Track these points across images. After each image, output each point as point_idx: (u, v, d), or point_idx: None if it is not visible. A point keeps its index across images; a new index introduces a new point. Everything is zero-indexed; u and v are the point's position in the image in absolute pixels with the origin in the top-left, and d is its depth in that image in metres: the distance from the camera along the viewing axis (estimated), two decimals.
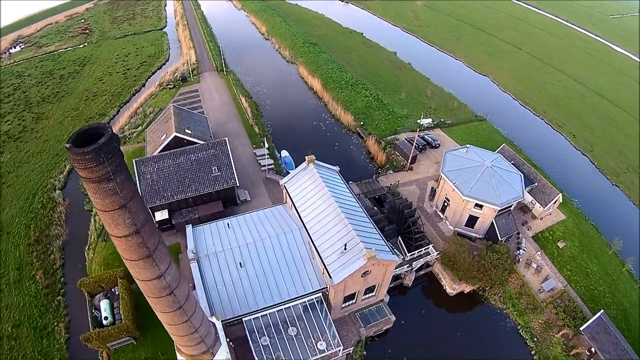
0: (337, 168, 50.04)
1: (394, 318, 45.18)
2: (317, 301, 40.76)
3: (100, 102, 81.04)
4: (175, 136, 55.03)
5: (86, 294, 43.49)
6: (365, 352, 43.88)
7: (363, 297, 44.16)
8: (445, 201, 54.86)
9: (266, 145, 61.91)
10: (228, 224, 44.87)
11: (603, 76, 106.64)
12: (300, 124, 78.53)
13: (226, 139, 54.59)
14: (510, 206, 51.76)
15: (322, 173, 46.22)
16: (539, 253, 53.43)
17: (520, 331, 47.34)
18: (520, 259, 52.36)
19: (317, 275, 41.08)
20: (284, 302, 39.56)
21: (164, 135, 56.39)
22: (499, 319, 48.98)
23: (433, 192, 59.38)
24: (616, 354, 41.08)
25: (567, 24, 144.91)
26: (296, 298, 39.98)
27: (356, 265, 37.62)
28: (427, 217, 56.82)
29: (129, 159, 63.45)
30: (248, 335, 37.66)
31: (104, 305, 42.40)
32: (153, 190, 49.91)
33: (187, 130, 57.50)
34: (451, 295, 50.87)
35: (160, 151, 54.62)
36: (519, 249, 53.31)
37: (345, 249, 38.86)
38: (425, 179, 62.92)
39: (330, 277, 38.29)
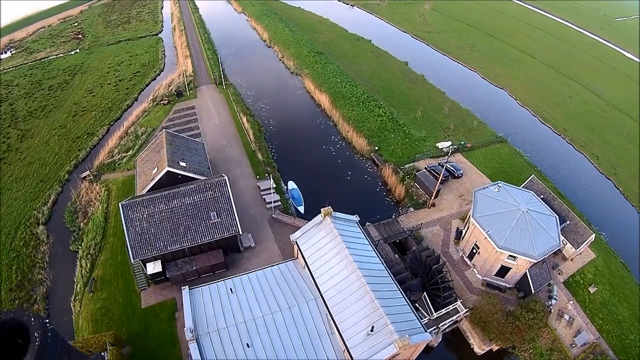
0: (356, 218, 44.07)
1: None
2: None
3: (89, 119, 74.71)
4: (168, 171, 48.85)
5: None
6: None
7: None
8: (474, 248, 49.12)
9: (272, 182, 55.52)
10: (231, 289, 38.88)
11: (617, 86, 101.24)
12: (308, 148, 72.10)
13: (226, 178, 48.07)
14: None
15: (340, 229, 40.13)
16: (571, 302, 48.10)
17: None
18: (552, 310, 46.95)
19: (337, 355, 35.16)
20: None
21: (155, 169, 50.11)
22: None
23: (459, 233, 53.60)
24: None
25: (576, 27, 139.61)
26: None
27: (385, 353, 31.78)
28: (453, 264, 51.05)
29: (118, 190, 57.72)
30: None
31: None
32: (143, 240, 43.64)
33: (181, 163, 51.24)
34: (479, 354, 45.44)
35: (152, 187, 48.66)
36: (550, 297, 47.85)
37: (372, 330, 33.13)
38: (449, 217, 57.07)
39: None
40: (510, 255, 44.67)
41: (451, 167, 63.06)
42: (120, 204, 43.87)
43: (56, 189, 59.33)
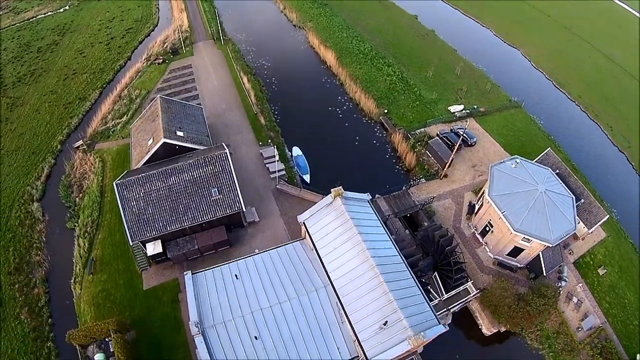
0: (368, 197, 41.69)
1: None
2: None
3: (80, 82, 69.66)
4: (165, 143, 45.81)
5: (77, 346, 37.22)
6: None
7: None
8: (487, 226, 47.22)
9: (276, 153, 52.47)
10: (236, 275, 37.23)
11: (633, 53, 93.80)
12: (314, 109, 67.86)
13: (227, 151, 44.70)
14: None
15: (352, 211, 37.76)
16: (580, 285, 47.28)
17: None
18: (561, 291, 46.04)
19: (347, 344, 34.20)
20: None
21: (151, 140, 46.94)
22: None
23: (471, 208, 51.51)
24: None
25: None
26: None
27: (398, 349, 30.77)
28: (464, 240, 49.40)
29: (113, 161, 54.68)
30: None
31: None
32: (141, 221, 41.39)
33: (178, 133, 48.01)
34: (486, 335, 44.97)
35: (148, 160, 45.96)
36: (560, 278, 46.81)
37: (384, 325, 31.84)
38: (461, 190, 54.63)
39: (366, 358, 31.60)
40: (525, 238, 42.93)
41: (465, 134, 59.73)
42: (114, 183, 41.16)
43: (49, 161, 56.14)
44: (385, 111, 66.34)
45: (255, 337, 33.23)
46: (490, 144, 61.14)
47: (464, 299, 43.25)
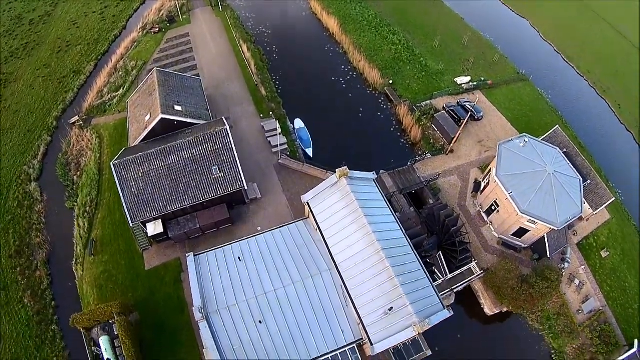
0: (373, 175, 40.72)
1: (430, 352, 39.46)
2: (350, 351, 34.48)
3: (74, 54, 66.67)
4: (162, 119, 44.18)
5: (82, 329, 37.29)
6: None
7: None
8: (493, 205, 46.46)
9: (278, 126, 50.88)
10: (239, 258, 36.85)
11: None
12: (316, 79, 65.53)
13: (227, 127, 43.00)
14: None
15: (357, 191, 36.89)
16: (582, 267, 47.10)
17: (553, 356, 42.93)
18: (564, 273, 45.95)
19: (351, 326, 34.27)
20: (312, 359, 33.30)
21: (148, 116, 45.29)
22: (534, 342, 43.97)
23: (477, 185, 50.51)
24: None
25: None
26: (327, 354, 33.58)
27: (403, 335, 31.07)
28: (469, 219, 48.76)
29: (110, 137, 53.21)
30: None
31: (104, 344, 36.46)
32: (140, 201, 40.48)
33: (176, 107, 46.14)
34: (488, 315, 45.22)
35: (146, 137, 44.61)
36: (563, 260, 46.52)
37: (390, 310, 31.72)
38: (467, 166, 53.42)
39: (371, 344, 31.75)
40: (530, 220, 42.27)
41: (472, 108, 57.87)
42: (112, 163, 40.01)
43: (45, 138, 54.38)
44: (390, 82, 64.07)
45: (260, 322, 33.18)
46: (497, 119, 59.48)
47: (467, 279, 43.06)
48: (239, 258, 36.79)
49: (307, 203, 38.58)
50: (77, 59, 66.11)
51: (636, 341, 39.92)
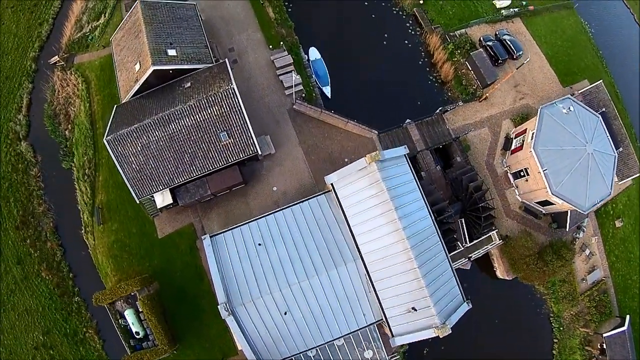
0: (404, 150, 37.14)
1: None
2: (372, 328, 36.27)
3: None
4: (155, 71, 37.87)
5: (106, 305, 37.82)
6: None
7: None
8: (522, 171, 44.22)
9: (290, 59, 43.64)
10: (259, 243, 35.75)
11: None
12: None
13: (234, 86, 36.75)
14: None
15: (388, 178, 34.05)
16: (595, 237, 47.46)
17: (551, 319, 46.06)
18: (577, 242, 46.50)
19: (372, 309, 35.15)
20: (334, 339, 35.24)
21: (138, 65, 38.53)
22: (537, 305, 46.79)
23: (507, 142, 47.15)
24: None
25: None
26: (348, 333, 35.39)
27: (423, 334, 32.20)
28: (495, 179, 46.40)
29: (98, 80, 46.06)
30: None
31: (130, 317, 37.55)
32: (143, 177, 37.28)
33: (169, 52, 38.79)
34: (499, 278, 46.66)
35: (138, 91, 39.19)
36: (579, 228, 46.38)
37: (413, 309, 32.35)
38: (500, 116, 48.60)
39: (392, 335, 33.28)
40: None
41: (510, 43, 50.54)
42: (105, 140, 35.46)
43: (27, 86, 46.69)
44: (421, 2, 54.81)
45: (285, 313, 33.68)
46: (536, 57, 52.18)
47: (486, 247, 43.27)
48: (259, 244, 35.64)
49: (332, 184, 36.04)
50: None
51: (627, 317, 42.16)
